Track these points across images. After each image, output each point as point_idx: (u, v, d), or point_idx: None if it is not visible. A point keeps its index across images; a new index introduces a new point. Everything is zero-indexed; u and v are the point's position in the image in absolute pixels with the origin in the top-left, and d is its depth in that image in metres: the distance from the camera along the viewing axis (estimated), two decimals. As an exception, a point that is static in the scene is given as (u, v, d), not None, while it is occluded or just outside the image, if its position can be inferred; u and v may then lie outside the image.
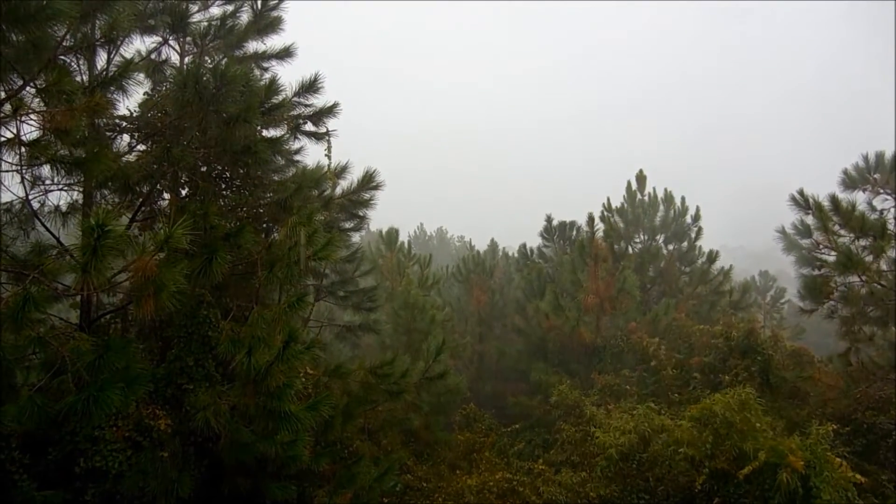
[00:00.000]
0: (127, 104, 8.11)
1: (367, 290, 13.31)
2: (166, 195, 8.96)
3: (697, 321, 17.93)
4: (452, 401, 14.36)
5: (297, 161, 10.21)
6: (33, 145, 6.59)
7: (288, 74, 10.34)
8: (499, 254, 28.16)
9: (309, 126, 10.48)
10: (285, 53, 10.65)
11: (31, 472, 6.67)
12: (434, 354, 11.83)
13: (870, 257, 12.93)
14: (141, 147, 8.46)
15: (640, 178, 22.30)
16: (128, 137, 8.51)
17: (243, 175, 9.01)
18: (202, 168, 8.80)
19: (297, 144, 10.43)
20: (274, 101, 8.69)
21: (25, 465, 6.65)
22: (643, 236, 21.86)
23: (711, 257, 21.47)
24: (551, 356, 18.38)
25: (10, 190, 7.32)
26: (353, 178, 11.27)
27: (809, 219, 13.80)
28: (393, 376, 10.34)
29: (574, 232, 22.89)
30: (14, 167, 6.91)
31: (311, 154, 10.40)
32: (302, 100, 10.17)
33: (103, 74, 7.55)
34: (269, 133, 9.30)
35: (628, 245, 21.60)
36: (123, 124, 8.39)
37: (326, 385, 9.68)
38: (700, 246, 21.75)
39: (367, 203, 11.41)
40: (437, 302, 20.68)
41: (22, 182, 7.19)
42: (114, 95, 7.52)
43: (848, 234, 13.27)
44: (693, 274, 21.50)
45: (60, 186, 7.61)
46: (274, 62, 10.62)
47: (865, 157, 14.00)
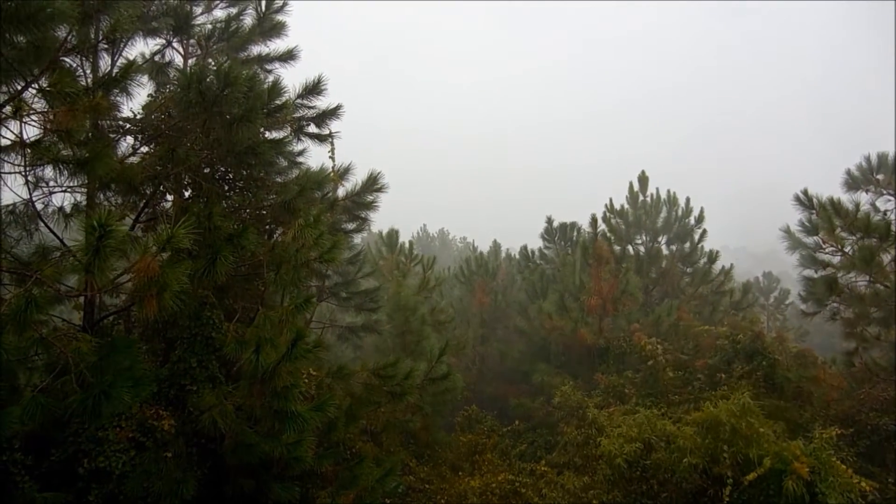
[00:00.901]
0: (131, 106, 8.14)
1: (370, 292, 13.33)
2: (170, 196, 8.96)
3: (700, 322, 17.92)
4: (451, 400, 14.34)
5: (301, 163, 10.24)
6: (36, 146, 6.59)
7: (291, 76, 10.37)
8: (501, 255, 28.13)
9: (312, 128, 10.52)
10: (288, 56, 10.67)
11: (33, 474, 6.64)
12: (437, 356, 11.81)
13: (877, 258, 12.91)
14: (144, 149, 8.47)
15: (643, 179, 22.25)
16: (131, 139, 8.52)
17: (246, 176, 9.02)
18: (205, 169, 8.81)
19: (300, 146, 10.48)
20: (277, 102, 8.70)
21: (28, 467, 6.62)
22: (645, 237, 21.81)
23: (712, 257, 21.40)
24: (553, 358, 18.39)
25: (13, 191, 7.33)
26: (356, 179, 11.31)
27: (814, 218, 13.78)
28: (396, 378, 10.33)
29: (575, 233, 22.87)
30: (17, 168, 6.91)
31: (315, 156, 10.42)
32: (305, 102, 10.20)
33: (106, 76, 7.54)
34: (273, 135, 9.31)
35: (630, 246, 21.53)
36: (127, 126, 8.40)
37: (329, 386, 9.66)
38: (703, 247, 21.70)
39: (370, 205, 11.42)
40: (440, 304, 20.67)
41: (25, 183, 7.19)
42: (117, 97, 7.53)
43: (851, 236, 13.25)
44: (695, 274, 21.45)
45: (63, 188, 7.61)
46: (277, 64, 10.64)
47: (868, 157, 13.96)
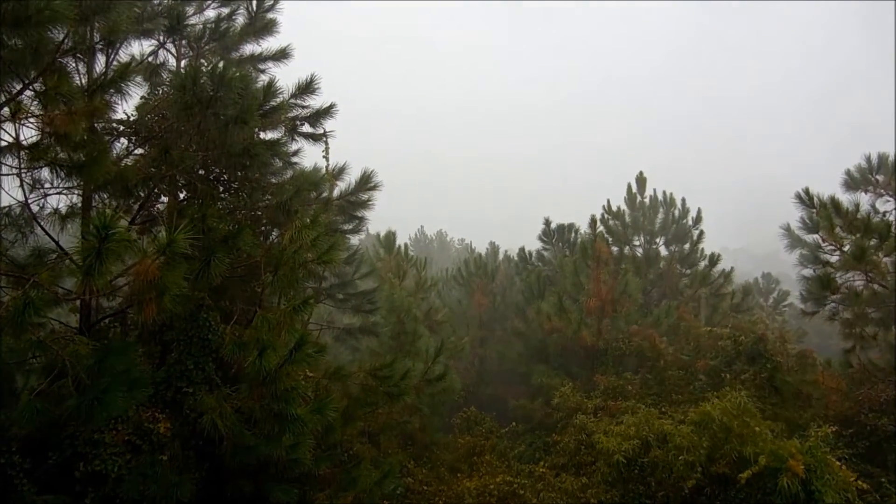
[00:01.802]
0: (125, 108, 8.11)
1: (367, 293, 13.30)
2: (165, 198, 8.95)
3: (699, 322, 17.94)
4: (449, 401, 14.34)
5: (296, 163, 10.22)
6: (33, 149, 6.59)
7: (285, 75, 10.35)
8: (499, 257, 28.15)
9: (306, 127, 10.50)
10: (282, 55, 10.64)
11: (31, 476, 6.63)
12: (433, 357, 11.80)
13: (874, 257, 12.92)
14: (139, 150, 8.45)
15: (640, 181, 22.28)
16: (126, 141, 8.49)
17: (242, 178, 9.00)
18: (200, 171, 8.79)
19: (294, 146, 10.46)
20: (272, 103, 8.68)
21: (26, 470, 6.61)
22: (643, 238, 21.81)
23: (713, 260, 21.40)
24: (552, 359, 18.36)
25: (9, 194, 7.32)
26: (350, 179, 11.30)
27: (814, 217, 13.79)
28: (393, 378, 10.32)
29: (573, 235, 22.87)
30: (13, 170, 6.90)
31: (309, 156, 10.40)
32: (299, 101, 10.19)
33: (102, 77, 7.53)
34: (268, 135, 9.30)
35: (629, 247, 21.52)
36: (121, 128, 8.38)
37: (326, 388, 9.65)
38: (702, 248, 21.70)
39: (365, 204, 11.40)
40: (437, 305, 20.67)
41: (21, 185, 7.18)
42: (112, 99, 7.51)
43: (851, 236, 13.27)
44: (694, 276, 21.44)
45: (59, 190, 7.59)
46: (270, 64, 10.61)
47: (868, 158, 13.99)
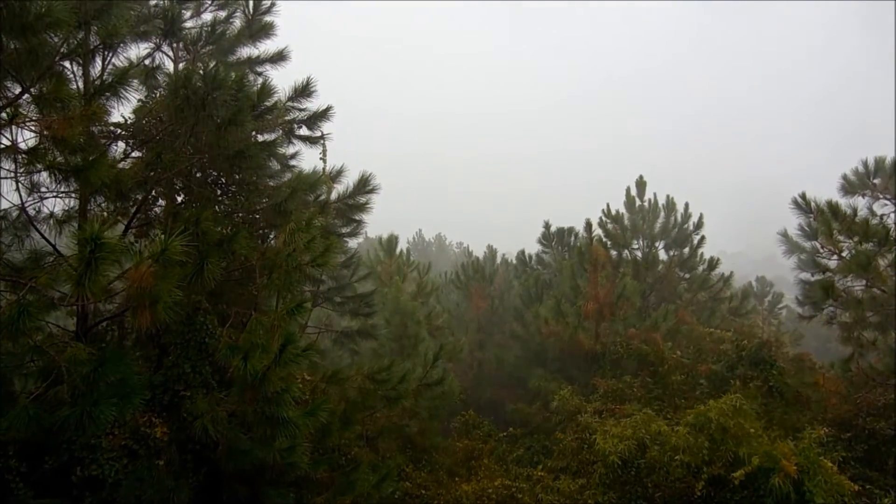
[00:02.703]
0: (122, 111, 8.12)
1: (365, 296, 13.29)
2: (162, 201, 8.95)
3: (698, 325, 17.96)
4: (448, 404, 14.33)
5: (293, 166, 10.24)
6: (30, 153, 6.59)
7: (283, 78, 10.37)
8: (498, 260, 28.16)
9: (304, 130, 10.51)
10: (279, 57, 10.66)
11: (28, 481, 6.62)
12: (432, 361, 11.80)
13: (874, 263, 12.93)
14: (136, 154, 8.45)
15: (640, 184, 22.27)
16: (123, 144, 8.50)
17: (239, 180, 9.00)
18: (197, 174, 8.79)
19: (292, 149, 10.48)
20: (267, 104, 8.69)
21: (23, 474, 6.60)
22: (642, 242, 21.81)
23: (712, 264, 21.41)
24: (550, 363, 18.36)
25: (6, 198, 7.32)
26: (348, 181, 11.30)
27: (812, 222, 13.79)
28: (391, 381, 10.31)
29: (573, 238, 22.89)
30: (10, 174, 6.90)
31: (307, 159, 10.40)
32: (296, 104, 10.21)
33: (98, 81, 7.53)
34: (264, 137, 9.30)
35: (628, 251, 21.52)
36: (119, 131, 8.38)
37: (324, 391, 9.64)
38: (702, 253, 21.71)
39: (363, 207, 11.39)
40: (436, 308, 20.68)
41: (17, 189, 7.18)
42: (109, 102, 7.52)
43: (849, 240, 13.28)
44: (693, 280, 21.44)
45: (56, 193, 7.59)
46: (268, 66, 10.63)
47: (865, 162, 13.98)
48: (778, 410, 12.50)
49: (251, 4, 10.32)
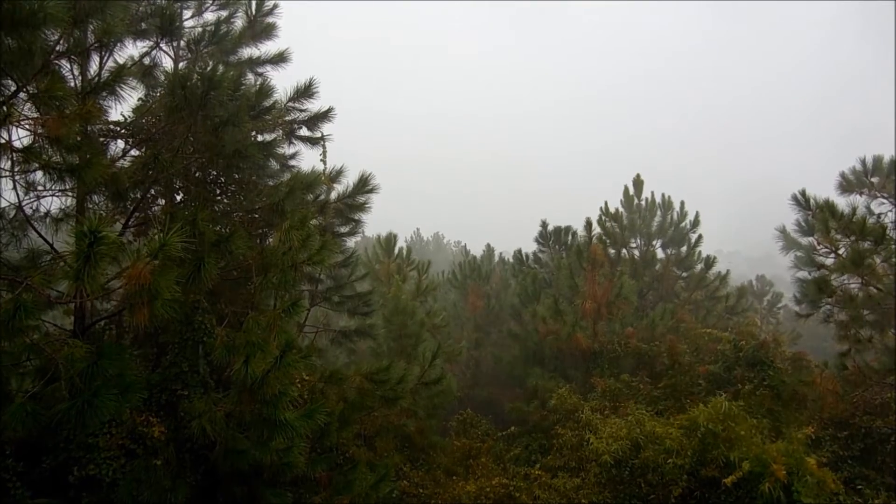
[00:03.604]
0: (121, 110, 8.09)
1: (363, 295, 13.25)
2: (161, 200, 8.92)
3: (696, 325, 17.96)
4: (445, 403, 14.32)
5: (293, 166, 10.22)
6: (26, 151, 6.55)
7: (285, 79, 10.36)
8: (495, 259, 28.13)
9: (304, 131, 10.49)
10: (280, 59, 10.62)
11: (25, 481, 6.60)
12: (430, 360, 11.78)
13: (869, 260, 12.94)
14: (134, 152, 8.42)
15: (637, 183, 22.30)
16: (121, 143, 8.47)
17: (237, 180, 8.98)
18: (196, 173, 8.76)
19: (292, 149, 10.46)
20: (265, 104, 8.66)
21: (20, 473, 6.58)
22: (640, 241, 21.83)
23: (709, 262, 21.45)
24: (548, 362, 18.34)
25: (2, 196, 7.29)
26: (348, 181, 11.29)
27: (810, 219, 13.79)
28: (389, 382, 10.30)
29: (570, 237, 22.87)
30: (7, 173, 6.87)
31: (308, 159, 10.38)
32: (297, 105, 10.18)
33: (96, 80, 7.51)
34: (263, 137, 9.28)
35: (625, 250, 21.54)
36: (118, 130, 8.36)
37: (322, 391, 9.63)
38: (699, 252, 21.73)
39: (362, 207, 11.38)
40: (434, 307, 20.65)
41: (14, 188, 7.15)
42: (107, 101, 7.49)
43: (846, 239, 13.28)
44: (690, 279, 21.47)
45: (53, 192, 7.57)
46: (269, 67, 10.58)
47: (863, 160, 13.98)
48: (778, 411, 12.51)
49: (254, 5, 10.31)
